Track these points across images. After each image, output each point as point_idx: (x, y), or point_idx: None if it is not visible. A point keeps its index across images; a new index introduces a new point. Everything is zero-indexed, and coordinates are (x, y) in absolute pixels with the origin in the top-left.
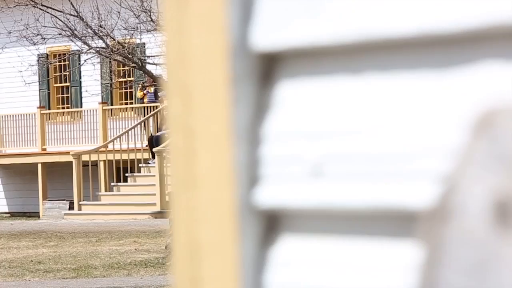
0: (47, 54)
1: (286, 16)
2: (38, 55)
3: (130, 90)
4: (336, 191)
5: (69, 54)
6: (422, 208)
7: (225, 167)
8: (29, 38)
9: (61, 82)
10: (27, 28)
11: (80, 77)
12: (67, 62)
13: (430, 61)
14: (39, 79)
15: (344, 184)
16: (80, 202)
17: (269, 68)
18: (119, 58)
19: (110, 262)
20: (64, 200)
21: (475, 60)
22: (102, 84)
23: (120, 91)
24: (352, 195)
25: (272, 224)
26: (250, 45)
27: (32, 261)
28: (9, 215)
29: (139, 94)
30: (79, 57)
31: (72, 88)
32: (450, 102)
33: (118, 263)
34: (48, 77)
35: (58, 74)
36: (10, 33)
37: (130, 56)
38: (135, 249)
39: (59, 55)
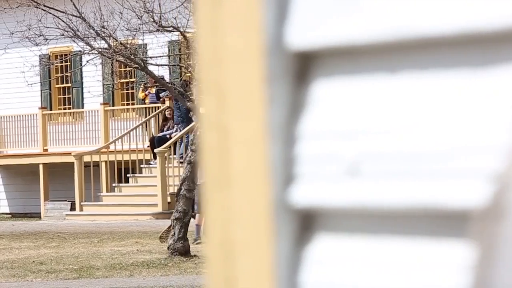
0: (48, 55)
1: (322, 15)
2: (39, 55)
3: (132, 91)
4: (373, 190)
5: (71, 55)
6: (461, 206)
7: (260, 166)
8: (32, 38)
9: (62, 83)
10: (29, 29)
11: (81, 78)
12: (68, 63)
13: (468, 60)
14: (40, 80)
15: (381, 183)
16: (82, 203)
17: (304, 66)
18: (121, 59)
19: (112, 263)
20: (65, 200)
21: None
22: (103, 85)
23: (122, 92)
24: (390, 194)
25: (307, 223)
26: (285, 44)
27: (34, 261)
28: (10, 215)
29: (140, 95)
30: (80, 57)
31: (74, 88)
32: (489, 101)
33: (120, 263)
34: (49, 78)
35: (60, 75)
36: (12, 33)
37: (132, 57)
38: (137, 249)
39: (61, 56)
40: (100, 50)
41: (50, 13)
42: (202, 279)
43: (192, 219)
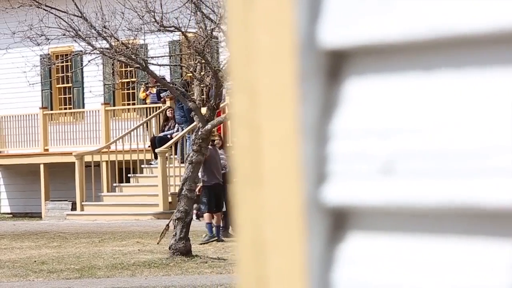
0: (49, 55)
1: (355, 13)
2: (40, 55)
3: (133, 91)
4: (407, 189)
5: (73, 55)
6: (496, 205)
7: (292, 164)
8: (33, 38)
9: (63, 83)
10: (31, 29)
11: (82, 78)
12: (69, 63)
13: (504, 58)
14: (41, 80)
15: (415, 181)
16: (83, 203)
17: (336, 65)
18: (123, 59)
19: (114, 263)
20: (66, 200)
21: None
22: (104, 85)
23: (123, 92)
24: (424, 192)
25: (339, 222)
26: (317, 42)
27: (35, 261)
28: (11, 215)
29: (141, 95)
30: (81, 57)
31: (75, 88)
32: None
33: (121, 263)
34: (50, 78)
35: (61, 75)
36: (14, 33)
37: (134, 57)
38: (139, 249)
39: (62, 56)
40: (101, 50)
41: (52, 13)
42: (204, 279)
43: (192, 219)
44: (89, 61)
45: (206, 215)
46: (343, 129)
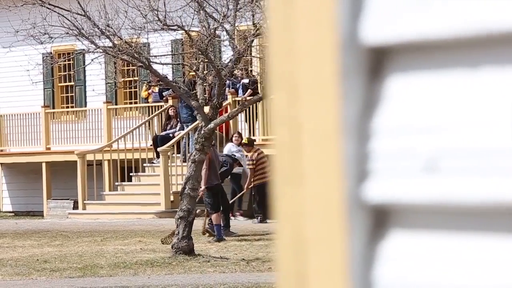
0: (51, 54)
1: (397, 10)
2: (42, 54)
3: (135, 89)
4: (451, 186)
5: (76, 54)
6: None
7: (333, 161)
8: (36, 37)
9: (65, 82)
10: (34, 27)
11: (84, 77)
12: (71, 62)
13: None
14: (43, 79)
15: (460, 179)
16: (85, 202)
17: (378, 62)
18: (126, 57)
19: (116, 262)
20: (68, 199)
21: None
22: (106, 83)
23: (125, 90)
24: (468, 190)
25: (381, 220)
26: (359, 39)
27: (38, 260)
28: (13, 214)
29: (143, 93)
30: (83, 56)
31: (77, 87)
32: None
33: (124, 262)
34: (52, 76)
35: (63, 73)
36: (17, 32)
37: (137, 56)
38: (141, 248)
39: (64, 54)
40: (104, 48)
41: (55, 11)
42: (207, 278)
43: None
44: (92, 60)
45: (214, 216)
46: (385, 126)
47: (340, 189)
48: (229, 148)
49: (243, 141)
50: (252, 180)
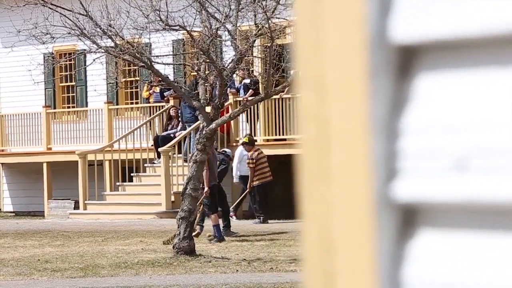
0: (52, 54)
1: (426, 8)
2: (44, 54)
3: (136, 89)
4: (481, 185)
5: (78, 54)
6: None
7: (361, 160)
8: (38, 37)
9: (66, 82)
10: (36, 27)
11: (85, 77)
12: (73, 62)
13: None
14: (45, 79)
15: (490, 178)
16: (86, 202)
17: (407, 60)
18: (128, 57)
19: (117, 262)
20: (69, 199)
21: None
22: (108, 83)
23: (126, 90)
24: (499, 189)
25: (409, 218)
26: (388, 38)
27: (39, 260)
28: (14, 214)
29: (145, 94)
30: (85, 56)
31: (78, 87)
32: None
33: (125, 262)
34: (53, 76)
35: (64, 73)
36: (19, 32)
37: (139, 56)
38: (142, 248)
39: (65, 54)
40: (106, 48)
41: (57, 11)
42: (208, 279)
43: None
44: (94, 60)
45: (212, 217)
46: (413, 125)
47: (368, 188)
48: (241, 151)
49: (244, 140)
50: (254, 180)
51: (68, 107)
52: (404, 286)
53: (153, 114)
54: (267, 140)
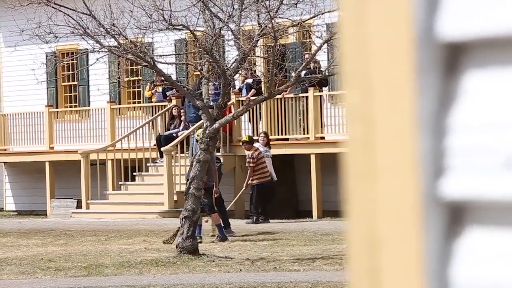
0: (55, 53)
1: (474, 5)
2: (46, 53)
3: (138, 89)
4: None
5: (81, 53)
6: None
7: (408, 158)
8: (42, 36)
9: (69, 81)
10: (39, 27)
11: (88, 76)
12: (75, 61)
13: None
14: (47, 78)
15: None
16: (88, 201)
17: (454, 57)
18: (131, 57)
19: (121, 261)
20: (71, 198)
21: None
22: (110, 83)
23: (128, 90)
24: None
25: (457, 216)
26: (435, 35)
27: (42, 259)
28: (16, 213)
29: (147, 93)
30: (87, 55)
31: (80, 86)
32: None
33: (128, 261)
34: (56, 75)
35: (68, 72)
36: (22, 31)
37: (142, 55)
38: (145, 248)
39: (67, 54)
40: (109, 48)
41: (61, 11)
42: (211, 278)
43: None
44: (97, 59)
45: (214, 216)
46: (461, 122)
47: (415, 185)
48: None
49: (243, 139)
50: (251, 179)
51: (70, 106)
52: (451, 285)
53: (156, 113)
54: (269, 140)
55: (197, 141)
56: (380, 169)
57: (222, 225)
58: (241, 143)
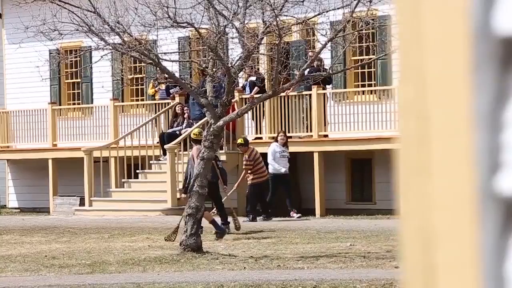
0: (58, 50)
1: None
2: (49, 50)
3: (142, 86)
4: None
5: (85, 50)
6: None
7: (463, 153)
8: (46, 33)
9: (72, 78)
10: (44, 24)
11: (91, 73)
12: (78, 58)
13: None
14: (50, 75)
15: None
16: (91, 198)
17: (511, 53)
18: (136, 54)
19: (125, 258)
20: (74, 196)
21: None
22: (113, 80)
23: (132, 87)
24: None
25: None
26: (492, 30)
27: (46, 256)
28: (19, 210)
29: (150, 91)
30: (90, 53)
31: (83, 84)
32: None
33: (132, 259)
34: (59, 73)
35: (70, 70)
36: (27, 28)
37: (146, 53)
38: (149, 245)
39: (71, 51)
40: (114, 45)
41: (65, 8)
42: (216, 276)
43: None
44: (101, 57)
45: (206, 214)
46: None
47: (471, 181)
48: (273, 148)
49: (239, 141)
50: (252, 178)
51: (74, 104)
52: (507, 281)
53: (159, 111)
54: (273, 138)
55: (192, 140)
56: (434, 165)
57: (222, 222)
58: (237, 146)
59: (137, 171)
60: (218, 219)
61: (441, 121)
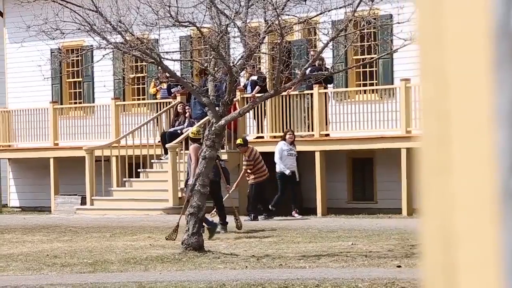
0: (59, 49)
1: None
2: (51, 49)
3: (143, 85)
4: None
5: (87, 49)
6: None
7: (484, 152)
8: (48, 32)
9: (73, 77)
10: (46, 23)
11: (92, 73)
12: (80, 58)
13: None
14: (51, 75)
15: None
16: (93, 197)
17: None
18: (137, 53)
19: (126, 257)
20: (76, 195)
21: None
22: (115, 79)
23: (133, 86)
24: None
25: None
26: None
27: (47, 255)
28: (20, 209)
29: (152, 90)
30: (92, 52)
31: (85, 83)
32: None
33: (134, 258)
34: (61, 72)
35: (72, 69)
36: (29, 27)
37: (148, 52)
38: (150, 244)
39: (72, 50)
40: (116, 44)
41: (67, 7)
42: (218, 275)
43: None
44: (103, 56)
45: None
46: None
47: (492, 180)
48: (281, 146)
49: (238, 141)
50: (253, 178)
51: (75, 103)
52: None
53: (160, 110)
54: (274, 137)
55: (190, 138)
56: (456, 164)
57: (220, 222)
58: (236, 146)
59: (139, 170)
60: (217, 219)
61: (462, 120)
